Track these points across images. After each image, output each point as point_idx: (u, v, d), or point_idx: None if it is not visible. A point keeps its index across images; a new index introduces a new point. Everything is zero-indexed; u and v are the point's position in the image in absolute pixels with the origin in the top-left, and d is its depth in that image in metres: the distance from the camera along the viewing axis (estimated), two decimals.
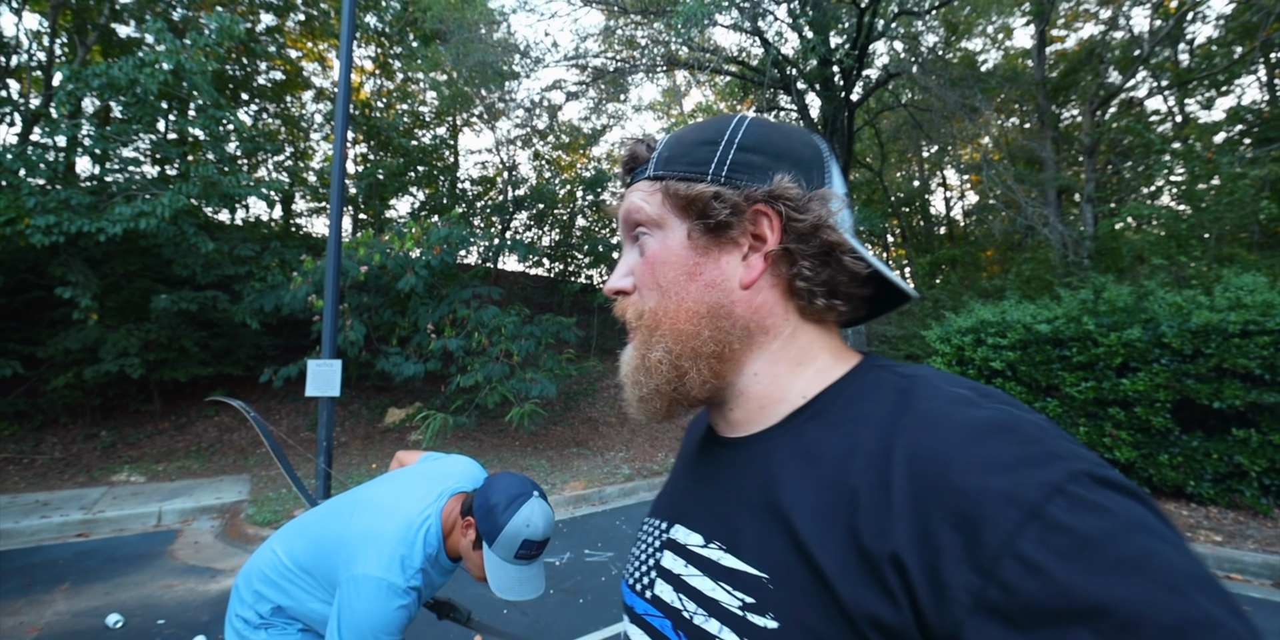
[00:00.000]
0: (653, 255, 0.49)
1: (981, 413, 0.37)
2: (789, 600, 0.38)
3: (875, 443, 0.39)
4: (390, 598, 1.12)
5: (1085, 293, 5.45)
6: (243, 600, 1.35)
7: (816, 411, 0.45)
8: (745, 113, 0.53)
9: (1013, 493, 0.32)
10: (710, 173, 0.47)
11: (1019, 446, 0.34)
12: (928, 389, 0.41)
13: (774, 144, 0.48)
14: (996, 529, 0.31)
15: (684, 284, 0.48)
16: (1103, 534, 0.30)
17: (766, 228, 0.46)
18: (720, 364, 0.47)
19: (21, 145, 6.29)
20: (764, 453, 0.46)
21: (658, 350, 0.48)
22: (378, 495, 1.33)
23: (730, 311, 0.47)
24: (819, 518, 0.39)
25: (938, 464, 0.35)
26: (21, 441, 6.77)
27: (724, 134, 0.49)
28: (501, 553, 1.17)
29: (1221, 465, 4.23)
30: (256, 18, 10.10)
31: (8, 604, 3.29)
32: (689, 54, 9.70)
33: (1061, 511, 0.31)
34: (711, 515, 0.48)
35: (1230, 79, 11.18)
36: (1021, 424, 0.36)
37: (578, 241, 12.55)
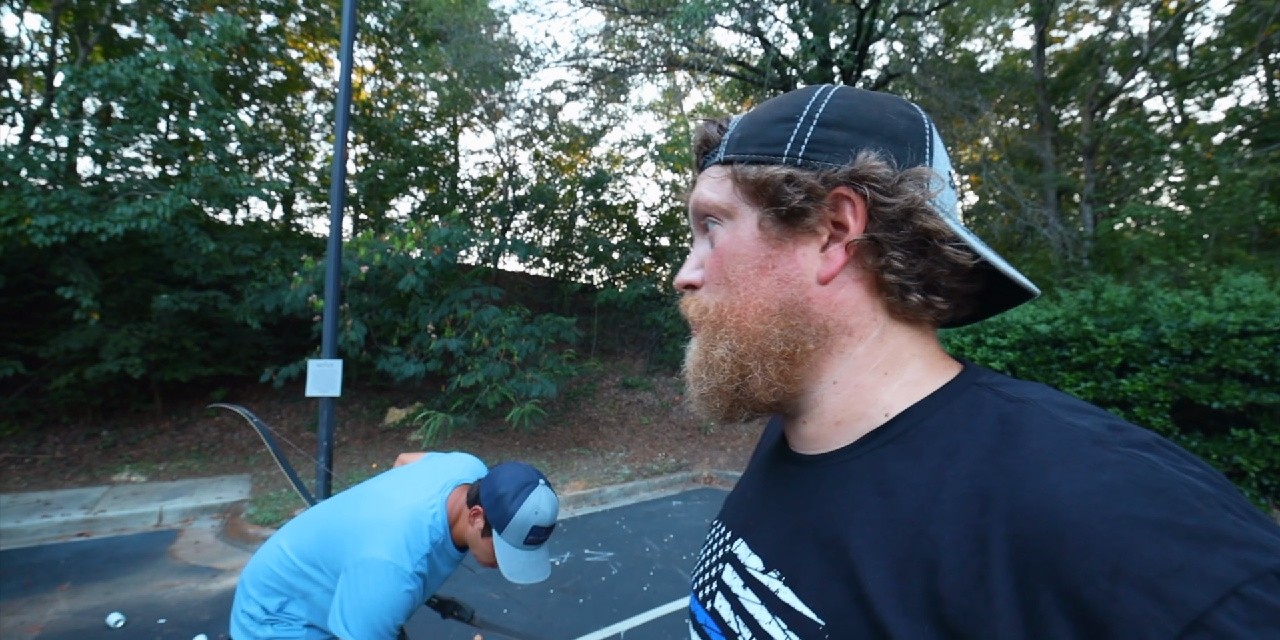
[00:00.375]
0: (722, 247, 0.45)
1: (1115, 459, 0.29)
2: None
3: (968, 485, 0.32)
4: (397, 581, 1.15)
5: (1085, 293, 5.46)
6: (249, 596, 1.36)
7: (899, 433, 0.39)
8: (833, 84, 0.49)
9: (1164, 590, 0.24)
10: (786, 153, 0.42)
11: (1169, 520, 0.26)
12: (1042, 419, 0.33)
13: (861, 116, 0.42)
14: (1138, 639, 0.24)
15: (754, 278, 0.43)
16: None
17: (849, 214, 0.40)
18: (792, 367, 0.42)
19: (23, 145, 6.30)
20: (835, 479, 0.41)
21: (721, 347, 0.43)
22: (382, 488, 1.36)
23: (806, 309, 0.42)
24: (890, 570, 0.33)
25: (1054, 528, 0.27)
26: (23, 441, 6.78)
27: (803, 109, 0.43)
28: (511, 539, 1.21)
29: (1221, 466, 4.23)
30: (257, 18, 10.11)
31: (9, 603, 3.30)
32: (689, 54, 9.71)
33: (1239, 625, 0.23)
34: (775, 538, 0.44)
35: (1229, 80, 11.18)
36: (1172, 484, 0.27)
37: (578, 242, 12.56)
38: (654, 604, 3.29)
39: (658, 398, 9.66)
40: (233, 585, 3.60)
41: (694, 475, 6.71)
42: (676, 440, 8.25)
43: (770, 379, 0.42)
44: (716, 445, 7.97)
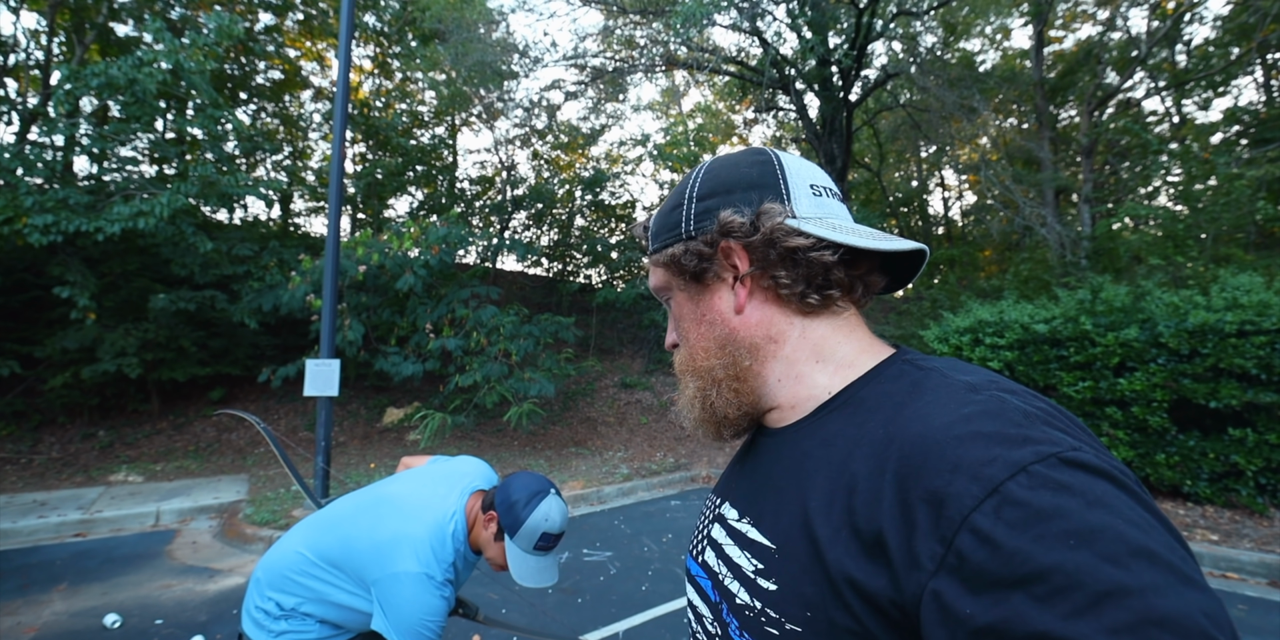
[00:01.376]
0: (673, 315, 0.58)
1: (975, 399, 0.40)
2: (788, 568, 0.44)
3: (880, 431, 0.42)
4: (431, 589, 1.21)
5: (1083, 293, 5.47)
6: (263, 593, 1.38)
7: (840, 404, 0.48)
8: (705, 158, 0.58)
9: (978, 472, 0.34)
10: (682, 233, 0.54)
11: (998, 431, 0.36)
12: (938, 379, 0.44)
13: (722, 181, 0.53)
14: (959, 505, 0.34)
15: (695, 329, 0.55)
16: (1055, 509, 0.32)
17: (736, 258, 0.52)
18: (739, 383, 0.53)
19: (19, 144, 6.28)
20: (792, 441, 0.50)
21: (690, 388, 0.56)
22: (400, 495, 1.38)
23: (734, 337, 0.53)
24: (825, 499, 0.43)
25: (922, 448, 0.38)
26: (19, 441, 6.76)
27: (684, 193, 0.55)
28: (522, 544, 1.27)
29: (1218, 464, 4.24)
30: (255, 17, 10.09)
31: (5, 604, 3.28)
32: (688, 54, 9.71)
33: (1020, 488, 0.33)
34: (748, 495, 0.53)
35: (1227, 80, 11.21)
36: (1008, 410, 0.38)
37: (576, 241, 12.55)
38: (652, 603, 3.28)
39: (656, 397, 9.66)
40: (231, 585, 3.59)
41: (692, 475, 6.71)
42: (675, 440, 8.25)
43: (727, 399, 0.53)
44: (715, 445, 7.97)
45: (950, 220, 18.25)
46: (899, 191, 17.35)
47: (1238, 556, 3.60)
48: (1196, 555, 3.72)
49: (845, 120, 9.59)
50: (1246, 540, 3.81)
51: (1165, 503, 4.50)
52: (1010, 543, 0.32)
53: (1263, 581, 3.46)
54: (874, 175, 15.24)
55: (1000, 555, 0.32)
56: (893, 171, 17.58)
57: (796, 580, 0.42)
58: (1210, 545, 3.79)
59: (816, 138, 9.62)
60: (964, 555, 0.33)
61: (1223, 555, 3.65)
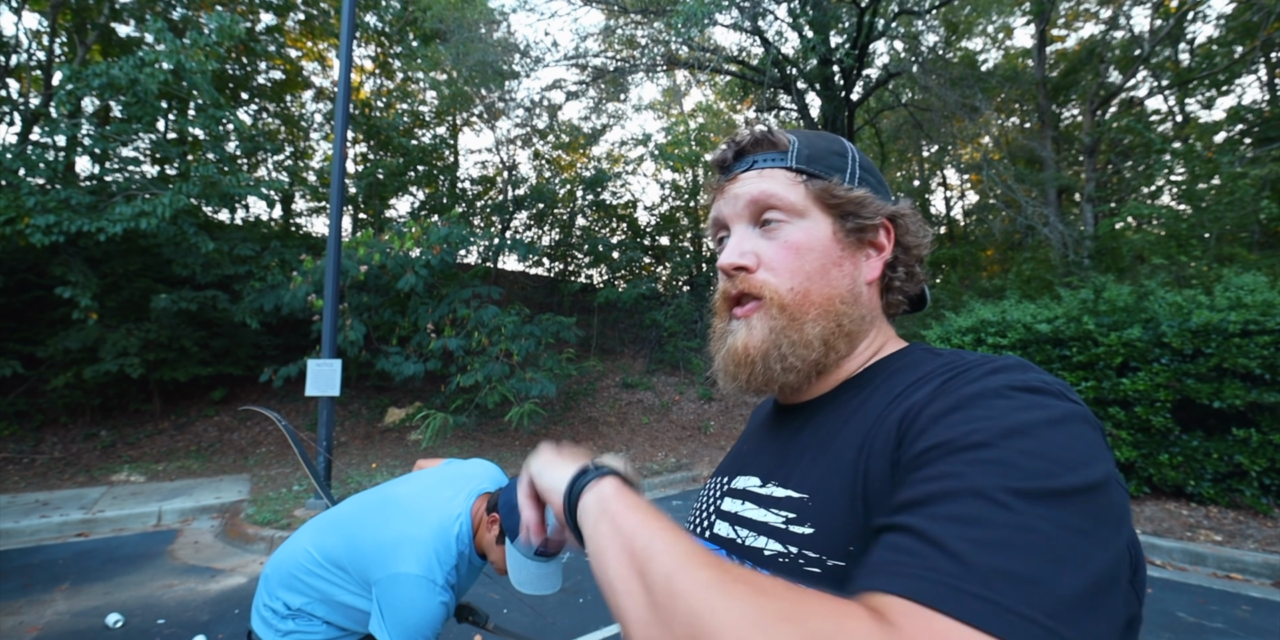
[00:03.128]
0: (797, 242, 0.53)
1: (976, 357, 0.46)
2: (823, 510, 0.46)
3: (901, 388, 0.48)
4: (431, 593, 1.19)
5: (1085, 292, 5.45)
6: (271, 591, 1.38)
7: (864, 381, 0.53)
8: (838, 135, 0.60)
9: (957, 398, 0.41)
10: (848, 178, 0.55)
11: (985, 374, 0.42)
12: (953, 353, 0.50)
13: (874, 169, 0.58)
14: (928, 413, 0.41)
15: (830, 271, 0.53)
16: (982, 401, 0.39)
17: (884, 237, 0.55)
18: (851, 342, 0.54)
19: (21, 145, 6.29)
20: (830, 408, 0.54)
21: (814, 327, 0.52)
22: (407, 496, 1.37)
23: (859, 300, 0.55)
24: (851, 448, 0.47)
25: (927, 396, 0.43)
26: (21, 441, 6.77)
27: (848, 148, 0.57)
28: (522, 549, 1.24)
29: (1221, 465, 4.22)
30: (256, 17, 10.09)
31: (7, 604, 3.29)
32: (689, 53, 9.70)
33: (971, 398, 0.40)
34: (772, 463, 0.55)
35: (1231, 78, 11.16)
36: (1006, 361, 0.44)
37: (578, 241, 12.54)
38: None
39: (658, 397, 9.65)
40: (232, 585, 3.59)
41: (694, 475, 6.70)
42: (676, 440, 8.24)
43: (841, 353, 0.54)
44: (716, 445, 7.96)
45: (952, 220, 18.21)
46: (901, 191, 17.31)
47: (1242, 557, 3.58)
48: (1200, 556, 3.72)
49: (847, 120, 9.57)
50: (1250, 541, 3.79)
51: (1169, 503, 4.49)
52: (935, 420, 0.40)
53: (1267, 582, 3.44)
54: None
55: (926, 433, 0.40)
56: (894, 171, 17.54)
57: (832, 519, 0.45)
58: (1214, 546, 3.77)
59: None
60: (906, 441, 0.41)
61: (1227, 556, 3.63)
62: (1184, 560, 3.77)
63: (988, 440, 0.36)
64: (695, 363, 10.19)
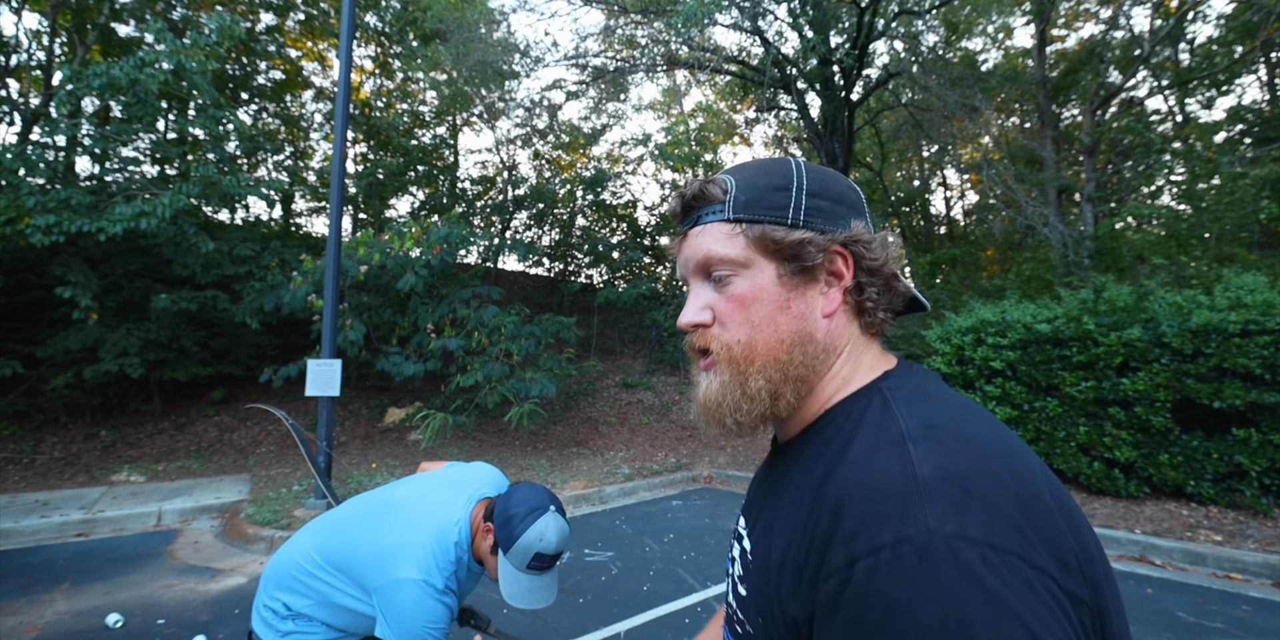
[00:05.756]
0: (742, 293, 0.54)
1: (890, 457, 0.43)
2: (756, 576, 0.50)
3: (826, 468, 0.47)
4: (431, 596, 1.18)
5: (1085, 292, 5.45)
6: (271, 593, 1.38)
7: (819, 429, 0.53)
8: (791, 155, 0.61)
9: (849, 543, 0.40)
10: (790, 218, 0.53)
11: (877, 504, 0.40)
12: (877, 422, 0.47)
13: (832, 190, 0.55)
14: (831, 565, 0.41)
15: (776, 317, 0.53)
16: (876, 596, 0.38)
17: (841, 265, 0.54)
18: (804, 385, 0.54)
19: (21, 145, 6.29)
20: (786, 461, 0.55)
21: (758, 379, 0.53)
22: (407, 500, 1.36)
23: (813, 337, 0.53)
24: (786, 523, 0.48)
25: (835, 504, 0.43)
26: (21, 441, 6.77)
27: (791, 179, 0.54)
28: (514, 562, 1.22)
29: (1222, 465, 4.23)
30: (256, 17, 10.09)
31: (7, 604, 3.29)
32: (689, 53, 9.69)
33: (864, 572, 0.38)
34: (754, 506, 0.59)
35: (1231, 78, 11.16)
36: (904, 478, 0.41)
37: (578, 241, 12.54)
38: (654, 604, 3.28)
39: (658, 397, 9.65)
40: (232, 585, 3.59)
41: (694, 475, 6.70)
42: (676, 440, 8.24)
43: (791, 399, 0.54)
44: (716, 445, 7.96)
45: (952, 220, 18.21)
46: (901, 191, 17.30)
47: (1241, 557, 3.58)
48: (1200, 556, 3.73)
49: (847, 120, 9.57)
50: (1250, 541, 3.79)
51: (1169, 503, 4.49)
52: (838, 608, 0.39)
53: (1267, 582, 3.44)
54: (876, 175, 15.21)
55: (836, 613, 0.39)
56: (894, 171, 17.53)
57: (760, 587, 0.48)
58: (1214, 546, 3.77)
59: (818, 137, 9.60)
60: (822, 601, 0.41)
61: (1226, 556, 3.63)
62: (1184, 560, 3.77)
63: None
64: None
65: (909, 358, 9.09)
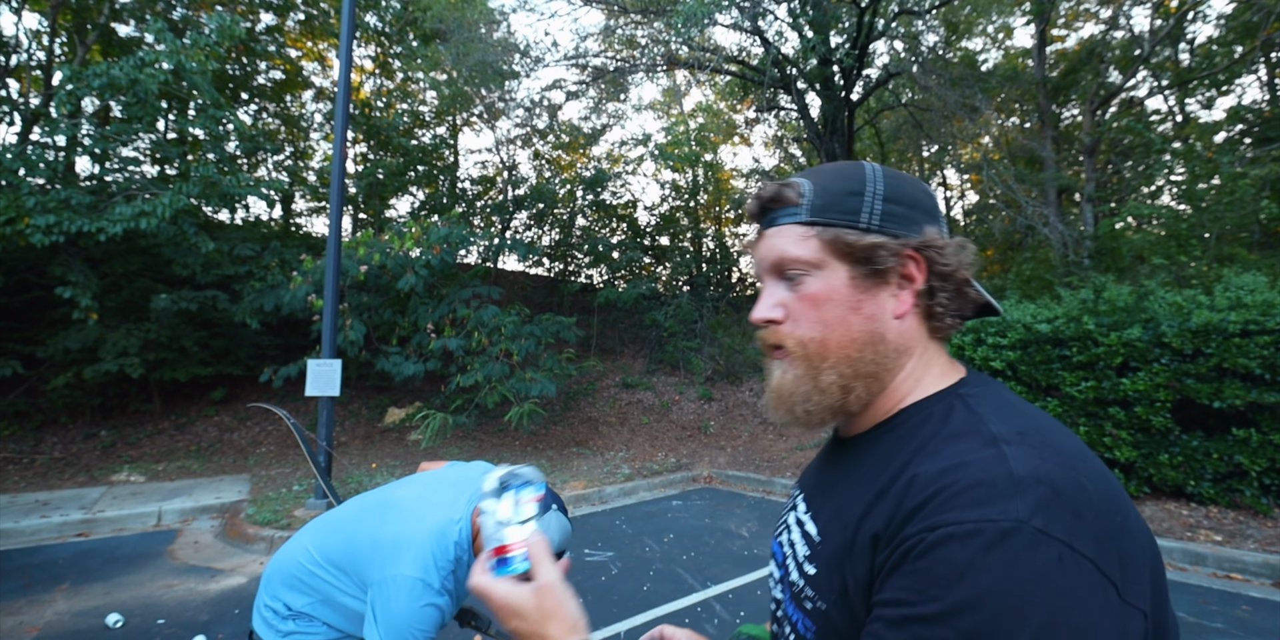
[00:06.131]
0: (815, 293, 0.56)
1: (982, 455, 0.45)
2: (825, 555, 0.53)
3: (907, 459, 0.50)
4: (425, 596, 1.17)
5: (1085, 292, 5.45)
6: (272, 592, 1.38)
7: (896, 425, 0.55)
8: (867, 162, 0.60)
9: (935, 524, 0.42)
10: (863, 222, 0.55)
11: (974, 494, 0.42)
12: (968, 423, 0.49)
13: (908, 194, 0.56)
14: (911, 532, 0.43)
15: (847, 317, 0.55)
16: (943, 561, 0.40)
17: (914, 269, 0.55)
18: (876, 382, 0.56)
19: (21, 145, 6.29)
20: (857, 453, 0.58)
21: (830, 374, 0.56)
22: (407, 498, 1.36)
23: (884, 337, 0.55)
24: (858, 505, 0.51)
25: (917, 490, 0.45)
26: (21, 441, 6.77)
27: (865, 184, 0.56)
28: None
29: (1222, 465, 4.23)
30: (256, 17, 10.09)
31: (7, 604, 3.29)
32: (689, 53, 9.69)
33: (949, 547, 0.40)
34: (817, 492, 0.62)
35: (1231, 78, 11.15)
36: (999, 474, 0.42)
37: (578, 241, 12.54)
38: (654, 604, 3.28)
39: (658, 397, 9.65)
40: (232, 585, 3.59)
41: (694, 475, 6.71)
42: (676, 440, 8.24)
43: (862, 395, 0.56)
44: (716, 445, 7.96)
45: (952, 220, 18.20)
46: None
47: (1242, 557, 3.58)
48: (1200, 556, 3.73)
49: (847, 120, 9.57)
50: (1250, 541, 3.79)
51: (1169, 503, 4.49)
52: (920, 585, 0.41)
53: (1267, 582, 3.44)
54: None
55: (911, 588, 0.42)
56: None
57: (829, 570, 0.51)
58: (1214, 546, 3.77)
59: (818, 137, 9.60)
60: (896, 555, 0.43)
61: (1226, 556, 3.63)
62: (1184, 560, 3.77)
63: (941, 614, 0.39)
64: (695, 363, 10.19)
65: None
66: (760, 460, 7.05)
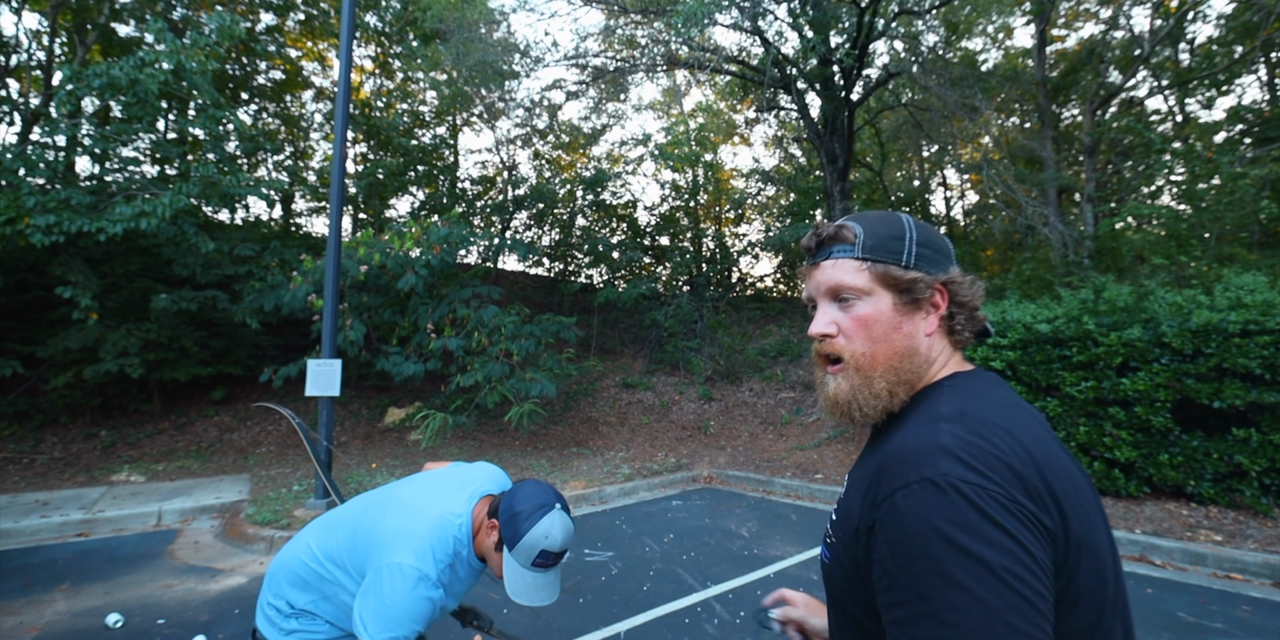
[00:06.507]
0: (866, 316, 0.70)
1: (924, 431, 0.61)
2: (843, 508, 0.69)
3: (889, 437, 0.66)
4: (419, 587, 1.16)
5: (1085, 292, 5.45)
6: (275, 590, 1.38)
7: (902, 416, 0.69)
8: (903, 213, 0.77)
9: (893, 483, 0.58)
10: (904, 261, 0.70)
11: (913, 462, 0.58)
12: (925, 410, 0.65)
13: (934, 241, 0.72)
14: (880, 497, 0.59)
15: (891, 335, 0.69)
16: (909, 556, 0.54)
17: (939, 298, 0.71)
18: (909, 387, 0.70)
19: (21, 145, 6.29)
20: (876, 443, 0.72)
21: (880, 382, 0.69)
22: (409, 495, 1.36)
23: (918, 351, 0.70)
24: (863, 471, 0.67)
25: (882, 464, 0.61)
26: (21, 441, 6.77)
27: (905, 231, 0.71)
28: (519, 559, 1.21)
29: (1222, 465, 4.22)
30: (256, 17, 10.09)
31: (7, 604, 3.29)
32: (689, 53, 9.69)
33: (898, 498, 0.56)
34: (856, 470, 0.74)
35: (1231, 78, 11.15)
36: (932, 445, 0.58)
37: (577, 241, 12.54)
38: (654, 604, 3.28)
39: (658, 397, 9.65)
40: (232, 585, 3.59)
41: (694, 475, 6.70)
42: (676, 440, 8.24)
43: (903, 397, 0.70)
44: (716, 445, 7.96)
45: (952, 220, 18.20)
46: (901, 191, 17.30)
47: (1242, 557, 3.58)
48: (1200, 556, 3.72)
49: (847, 120, 9.57)
50: (1250, 541, 3.79)
51: (1169, 503, 4.49)
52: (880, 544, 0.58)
53: (1267, 582, 3.44)
54: (876, 175, 15.21)
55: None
56: (894, 171, 17.52)
57: (845, 516, 0.67)
58: (1214, 546, 3.77)
59: (818, 137, 9.60)
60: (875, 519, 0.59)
61: (1227, 556, 3.63)
62: (1184, 560, 3.77)
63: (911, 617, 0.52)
64: (695, 363, 10.19)
65: None
66: (760, 460, 7.05)
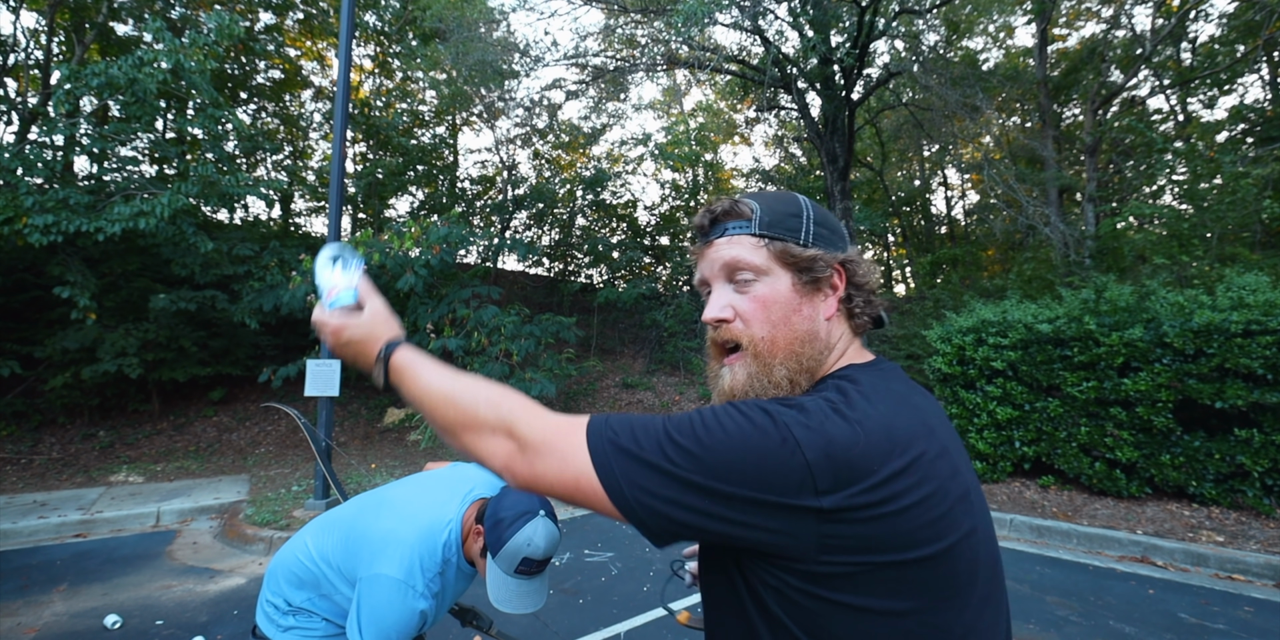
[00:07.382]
0: (763, 296, 0.66)
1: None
2: None
3: None
4: (407, 599, 1.16)
5: (1087, 292, 5.43)
6: (275, 589, 1.39)
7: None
8: (798, 193, 0.74)
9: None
10: (802, 238, 0.66)
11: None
12: (816, 395, 0.63)
13: (830, 221, 0.69)
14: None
15: (791, 318, 0.65)
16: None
17: (837, 279, 0.67)
18: (812, 375, 0.66)
19: (19, 144, 6.27)
20: None
21: (781, 369, 0.65)
22: (401, 497, 1.37)
23: (818, 336, 0.66)
24: None
25: None
26: (19, 442, 6.76)
27: (803, 209, 0.68)
28: (502, 566, 1.20)
29: (1223, 465, 4.21)
30: (255, 16, 10.07)
31: (5, 605, 3.28)
32: (689, 53, 9.67)
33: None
34: None
35: (1233, 78, 11.14)
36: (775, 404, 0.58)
37: (577, 241, 12.53)
38: (654, 604, 3.27)
39: (658, 397, 9.64)
40: (231, 586, 3.58)
41: None
42: None
43: (804, 385, 0.66)
44: None
45: (953, 219, 18.19)
46: (901, 191, 17.28)
47: (1244, 558, 3.57)
48: (1202, 557, 3.71)
49: (847, 119, 9.55)
50: (1252, 542, 3.78)
51: (1171, 504, 4.47)
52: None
53: (1269, 583, 3.43)
54: (876, 174, 15.20)
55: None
56: (895, 170, 17.50)
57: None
58: (1216, 547, 3.76)
59: (818, 137, 9.58)
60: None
61: (1228, 557, 3.62)
62: (1186, 561, 3.76)
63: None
64: (695, 363, 10.18)
65: (909, 358, 9.08)
66: None
